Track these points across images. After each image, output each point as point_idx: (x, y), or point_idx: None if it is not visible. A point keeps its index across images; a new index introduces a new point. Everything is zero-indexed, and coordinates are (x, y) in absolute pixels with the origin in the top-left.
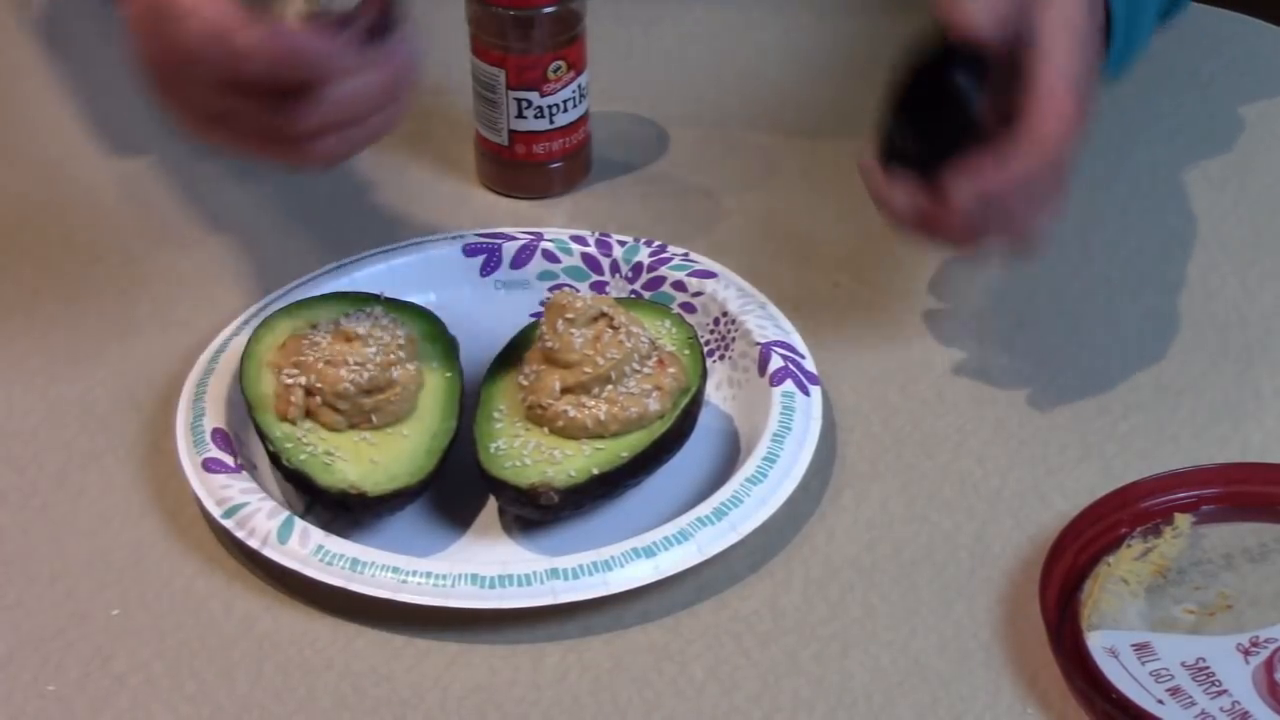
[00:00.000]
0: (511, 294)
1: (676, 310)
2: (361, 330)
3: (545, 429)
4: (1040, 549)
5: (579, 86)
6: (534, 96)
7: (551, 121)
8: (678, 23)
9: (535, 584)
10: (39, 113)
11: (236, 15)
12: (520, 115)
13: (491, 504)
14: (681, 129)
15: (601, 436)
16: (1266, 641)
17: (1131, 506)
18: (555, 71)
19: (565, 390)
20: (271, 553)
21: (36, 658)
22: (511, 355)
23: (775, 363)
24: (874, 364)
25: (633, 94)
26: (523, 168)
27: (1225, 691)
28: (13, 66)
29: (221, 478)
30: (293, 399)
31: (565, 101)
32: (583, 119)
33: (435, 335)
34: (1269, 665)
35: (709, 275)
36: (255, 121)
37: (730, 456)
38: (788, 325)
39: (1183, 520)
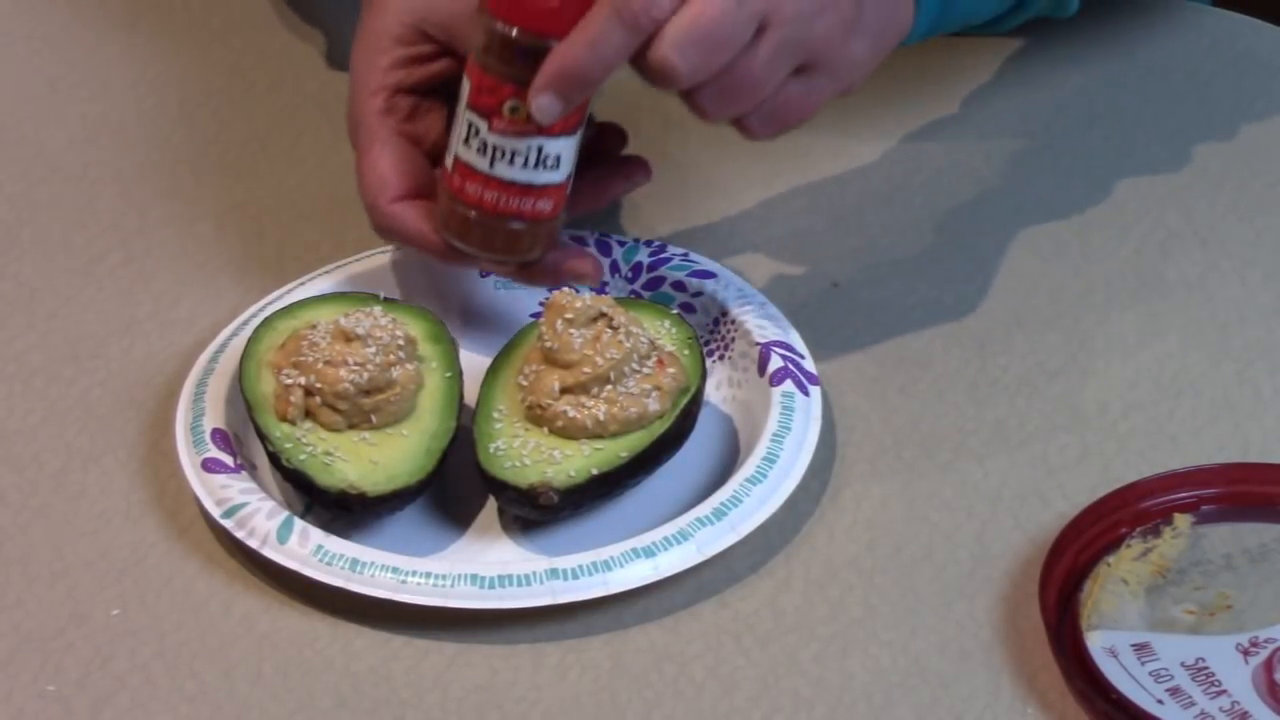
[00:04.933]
0: (511, 294)
1: (676, 310)
2: (361, 330)
3: (545, 429)
4: (1040, 549)
5: (539, 151)
6: (483, 126)
7: (490, 166)
8: None
9: (535, 584)
10: (39, 111)
11: (386, 180)
12: (466, 141)
13: (491, 504)
14: (682, 129)
15: (601, 437)
16: (1266, 641)
17: (1131, 506)
18: (511, 111)
19: (564, 390)
20: (271, 553)
21: (36, 658)
22: (511, 355)
23: (775, 363)
24: (874, 364)
25: (633, 95)
26: (454, 201)
27: (1225, 691)
28: (13, 64)
29: (221, 478)
30: (292, 399)
31: (512, 153)
32: (530, 191)
33: (435, 335)
34: (1268, 665)
35: (709, 275)
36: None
37: (730, 456)
38: (787, 325)
39: (1183, 520)
